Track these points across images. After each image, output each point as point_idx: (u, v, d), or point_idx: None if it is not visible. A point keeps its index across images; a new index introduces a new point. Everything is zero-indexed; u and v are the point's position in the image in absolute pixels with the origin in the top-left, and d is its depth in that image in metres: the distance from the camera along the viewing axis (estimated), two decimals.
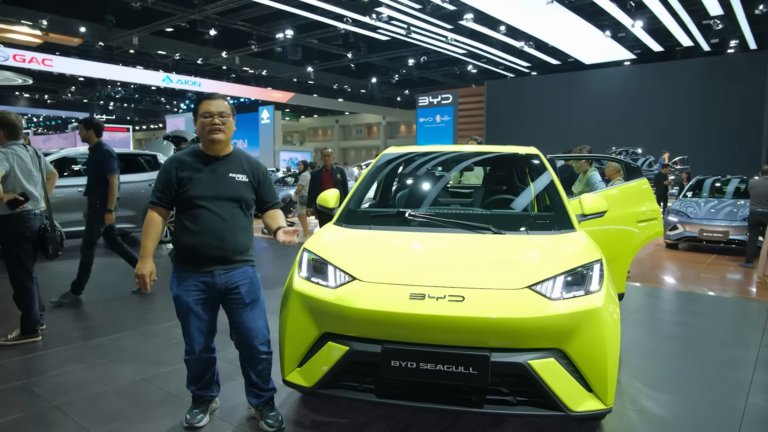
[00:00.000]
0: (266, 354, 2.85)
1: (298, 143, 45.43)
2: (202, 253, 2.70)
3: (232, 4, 17.06)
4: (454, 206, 3.96)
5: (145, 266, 2.71)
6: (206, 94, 2.79)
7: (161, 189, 2.73)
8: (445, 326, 2.45)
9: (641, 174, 4.82)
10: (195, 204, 2.69)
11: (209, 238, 2.69)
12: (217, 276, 2.73)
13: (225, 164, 2.77)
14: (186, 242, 2.71)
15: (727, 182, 11.01)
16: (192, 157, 2.76)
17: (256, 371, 2.84)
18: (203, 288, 2.73)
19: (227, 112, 2.73)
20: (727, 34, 19.03)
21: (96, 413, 3.04)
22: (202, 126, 2.70)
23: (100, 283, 6.42)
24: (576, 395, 2.46)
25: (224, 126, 2.71)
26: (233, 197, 2.75)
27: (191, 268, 2.72)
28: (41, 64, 20.09)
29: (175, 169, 2.71)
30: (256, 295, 2.84)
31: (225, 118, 2.71)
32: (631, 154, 19.39)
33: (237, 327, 2.82)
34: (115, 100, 35.82)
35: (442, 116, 27.11)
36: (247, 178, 2.80)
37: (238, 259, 2.78)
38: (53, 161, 8.19)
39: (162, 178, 2.74)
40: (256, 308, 2.83)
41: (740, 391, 3.37)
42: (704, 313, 5.52)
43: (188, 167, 2.72)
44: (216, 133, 2.69)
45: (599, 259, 2.77)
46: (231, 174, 2.76)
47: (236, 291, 2.77)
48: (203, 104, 2.72)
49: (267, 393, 2.90)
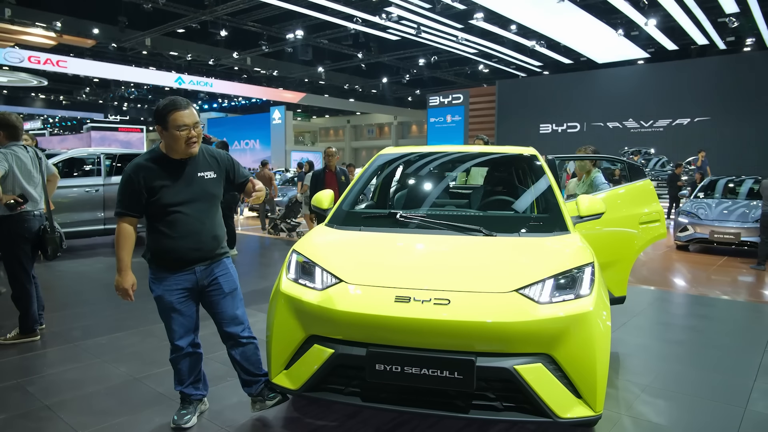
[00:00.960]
0: (251, 339, 2.92)
1: (310, 143, 45.58)
2: (183, 258, 2.71)
3: (243, 5, 17.15)
4: (450, 207, 3.91)
5: (125, 280, 2.68)
6: (173, 103, 2.60)
7: (129, 198, 2.62)
8: (430, 330, 2.41)
9: (644, 175, 4.72)
10: (169, 210, 2.65)
11: (188, 242, 2.69)
12: (198, 272, 2.76)
13: (192, 165, 2.73)
14: (164, 248, 2.69)
15: (741, 183, 10.79)
16: (157, 163, 2.66)
17: (245, 358, 2.89)
18: (186, 285, 2.75)
19: (198, 120, 2.70)
20: (744, 32, 18.69)
21: (86, 413, 3.05)
22: (176, 139, 2.58)
23: (105, 283, 6.48)
24: (564, 401, 2.41)
25: (198, 136, 2.66)
26: (206, 197, 2.75)
27: (172, 271, 2.72)
28: (55, 65, 20.37)
29: (142, 179, 2.61)
30: (235, 285, 2.90)
31: (198, 128, 2.67)
32: (644, 154, 19.13)
33: (219, 317, 2.85)
34: (129, 101, 36.24)
35: (453, 116, 27.00)
36: (215, 173, 2.79)
37: (216, 254, 2.82)
38: (61, 161, 8.28)
39: (127, 187, 2.62)
40: (236, 297, 2.89)
41: (740, 398, 3.28)
42: (711, 316, 5.41)
43: (156, 175, 2.63)
44: (194, 146, 2.66)
45: (591, 262, 2.71)
46: (200, 173, 2.74)
47: (215, 282, 2.81)
48: (176, 116, 2.57)
49: (261, 378, 2.93)
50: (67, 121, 45.70)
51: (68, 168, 8.64)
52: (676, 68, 21.48)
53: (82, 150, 9.56)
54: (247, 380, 2.93)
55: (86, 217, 8.29)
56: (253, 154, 36.88)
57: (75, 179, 8.49)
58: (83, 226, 8.27)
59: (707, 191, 10.85)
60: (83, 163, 8.93)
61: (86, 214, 8.29)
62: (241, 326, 2.87)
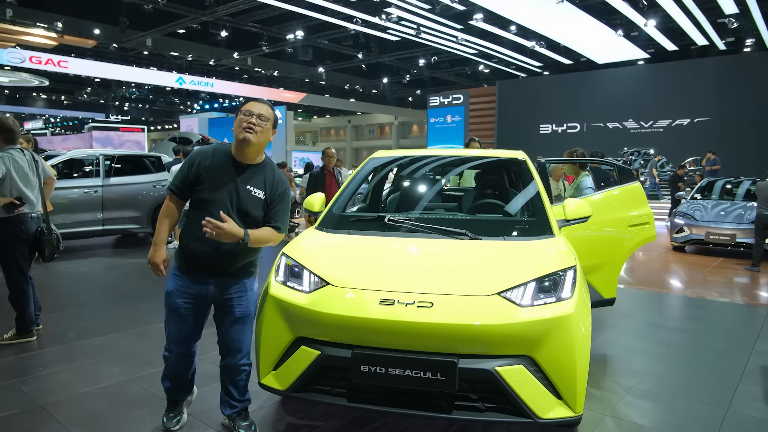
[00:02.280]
0: (246, 366, 2.85)
1: (311, 143, 45.63)
2: (199, 260, 2.67)
3: (243, 6, 17.20)
4: (440, 211, 3.96)
5: (157, 254, 2.68)
6: (254, 98, 2.72)
7: (180, 179, 2.68)
8: (413, 332, 2.46)
9: (634, 177, 4.77)
10: (204, 206, 2.61)
11: (207, 246, 2.62)
12: (211, 284, 2.70)
13: (247, 174, 2.67)
14: (187, 244, 2.69)
15: (738, 184, 10.82)
16: (220, 156, 2.68)
17: (233, 382, 2.84)
18: (194, 295, 2.71)
19: (267, 116, 2.65)
20: (743, 32, 18.68)
21: (79, 413, 3.10)
22: (238, 122, 2.61)
23: (102, 284, 6.54)
24: (544, 402, 2.46)
25: (259, 128, 2.60)
26: (242, 211, 2.64)
27: (187, 273, 2.71)
28: (57, 65, 20.43)
29: (198, 163, 2.64)
30: (248, 310, 2.80)
31: (263, 122, 2.62)
32: (643, 154, 19.13)
33: (222, 336, 2.81)
34: (130, 101, 36.31)
35: (453, 116, 26.98)
36: (264, 195, 2.69)
37: (236, 271, 2.73)
38: (60, 163, 8.34)
39: (184, 168, 2.68)
40: (246, 323, 2.81)
41: (723, 400, 3.33)
42: (702, 318, 5.45)
43: (211, 166, 2.64)
44: (248, 131, 2.58)
45: (573, 265, 2.76)
46: (249, 187, 2.66)
47: (229, 303, 2.74)
48: (248, 104, 2.65)
49: (241, 404, 2.88)
50: (68, 121, 45.82)
51: (68, 169, 8.70)
52: (676, 69, 21.46)
53: (81, 151, 9.64)
54: (226, 400, 2.87)
55: (85, 218, 8.35)
56: None
57: (74, 180, 8.55)
58: (82, 227, 8.33)
59: (704, 192, 10.89)
60: (82, 164, 9.00)
61: (85, 214, 8.35)
62: (239, 354, 2.79)
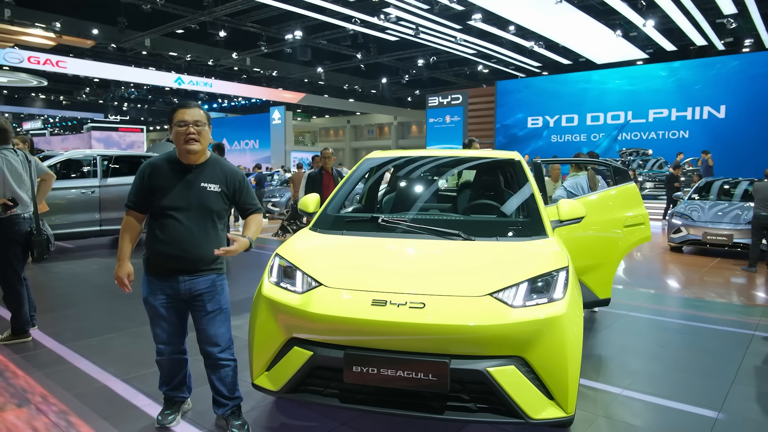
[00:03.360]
0: (228, 361, 2.86)
1: (310, 143, 45.61)
2: (167, 263, 2.73)
3: (242, 6, 17.20)
4: (434, 211, 3.96)
5: (121, 269, 2.77)
6: (181, 103, 2.75)
7: (135, 194, 2.76)
8: (405, 333, 2.47)
9: (630, 178, 4.78)
10: (164, 213, 2.70)
11: (173, 248, 2.69)
12: (182, 282, 2.75)
13: (199, 173, 2.75)
14: (154, 250, 2.75)
15: (736, 184, 10.83)
16: (167, 163, 2.75)
17: (219, 378, 2.85)
18: (169, 293, 2.77)
19: (203, 120, 2.71)
20: (742, 33, 18.71)
21: (74, 414, 3.10)
22: (177, 135, 2.68)
23: (97, 284, 6.55)
24: (536, 403, 2.46)
25: (199, 135, 2.68)
26: (203, 208, 2.72)
27: (157, 273, 2.77)
28: (55, 66, 20.45)
29: (148, 175, 2.72)
30: (219, 304, 2.83)
31: (200, 127, 2.69)
32: (642, 155, 19.13)
33: (199, 333, 2.84)
34: (129, 101, 36.32)
35: (452, 116, 26.96)
36: (220, 188, 2.77)
37: (203, 269, 2.77)
38: (57, 163, 8.34)
39: (136, 182, 2.76)
40: (219, 316, 2.83)
41: (716, 401, 3.33)
42: (698, 318, 5.45)
43: (162, 174, 2.72)
44: (191, 143, 2.67)
45: (565, 266, 2.76)
46: (203, 184, 2.74)
47: (199, 299, 2.79)
48: (178, 113, 2.69)
49: (232, 402, 2.89)
50: (67, 121, 45.82)
51: (65, 169, 8.70)
52: (675, 69, 21.47)
53: (78, 151, 9.63)
54: (217, 400, 2.89)
55: (82, 219, 8.35)
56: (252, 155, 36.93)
57: (71, 180, 8.55)
58: (79, 228, 8.33)
59: (702, 192, 10.89)
60: (80, 165, 8.99)
61: (82, 215, 8.35)
62: (217, 347, 2.82)
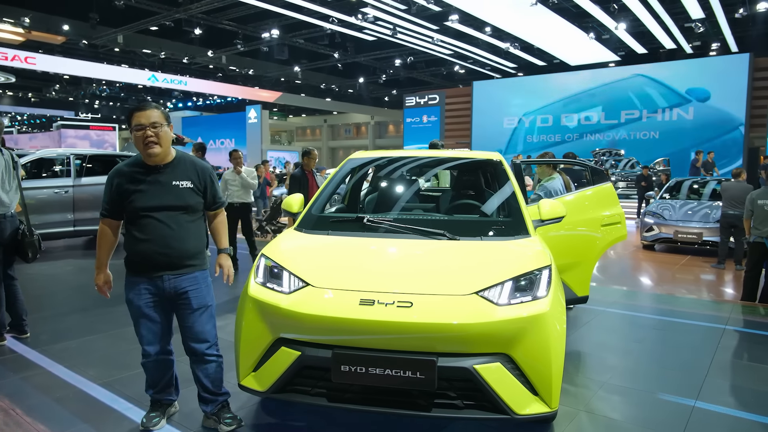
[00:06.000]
0: (214, 357, 2.88)
1: (286, 143, 45.32)
2: (150, 261, 2.73)
3: (218, 3, 17.01)
4: (417, 211, 4.00)
5: (99, 277, 2.85)
6: (136, 105, 2.75)
7: (108, 201, 2.77)
8: (393, 332, 2.50)
9: (607, 178, 4.90)
10: (141, 215, 2.71)
11: (156, 246, 2.72)
12: (166, 280, 2.75)
13: (168, 172, 2.76)
14: (135, 250, 2.75)
15: (704, 184, 11.16)
16: (134, 167, 2.74)
17: (206, 375, 2.87)
18: (153, 291, 2.77)
19: (160, 121, 2.69)
20: (709, 36, 19.26)
21: (54, 418, 3.06)
22: (136, 140, 2.67)
23: (73, 286, 6.42)
24: (521, 399, 2.52)
25: (158, 138, 2.67)
26: (178, 205, 2.75)
27: (140, 273, 2.76)
28: (24, 62, 19.90)
29: (116, 184, 2.73)
30: (205, 301, 2.86)
31: (158, 128, 2.67)
32: (614, 155, 19.56)
33: (185, 331, 2.85)
34: (101, 99, 35.54)
35: (429, 116, 27.14)
36: (192, 184, 2.80)
37: (186, 264, 2.79)
38: (29, 162, 8.14)
39: (106, 191, 2.77)
40: (204, 313, 2.85)
41: (691, 393, 3.45)
42: (672, 314, 5.61)
43: (131, 179, 2.72)
44: (151, 146, 2.66)
45: (548, 265, 2.83)
46: (175, 182, 2.75)
47: (185, 296, 2.79)
48: (135, 116, 2.68)
49: (221, 397, 2.92)
50: (35, 119, 44.61)
51: (36, 168, 8.50)
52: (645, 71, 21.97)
53: (50, 150, 9.41)
54: (205, 397, 2.91)
55: (56, 219, 8.17)
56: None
57: (43, 180, 8.35)
58: (52, 228, 8.14)
59: (672, 192, 11.19)
60: (52, 164, 8.79)
61: (56, 215, 8.17)
62: (205, 344, 2.84)
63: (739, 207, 7.83)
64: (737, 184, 8.11)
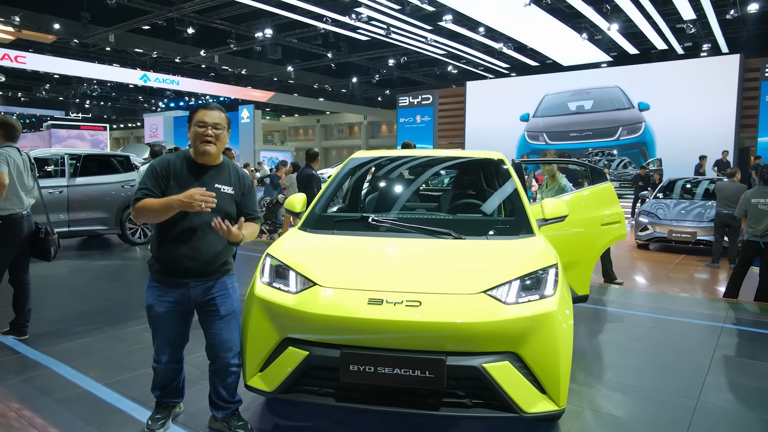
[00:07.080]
0: (237, 366, 2.83)
1: (279, 143, 45.17)
2: (177, 265, 2.67)
3: (210, 3, 16.91)
4: (420, 211, 4.01)
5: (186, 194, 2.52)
6: (204, 104, 2.76)
7: (151, 184, 2.64)
8: (402, 331, 2.50)
9: (606, 178, 4.94)
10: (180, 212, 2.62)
11: (184, 249, 2.66)
12: (192, 288, 2.70)
13: (213, 174, 2.74)
14: (162, 251, 2.70)
15: (698, 183, 11.27)
16: (181, 161, 2.73)
17: (224, 384, 2.82)
18: (177, 299, 2.71)
19: (222, 124, 2.71)
20: (700, 37, 19.43)
21: (57, 420, 3.03)
22: (195, 135, 2.67)
23: (69, 287, 6.36)
24: (529, 397, 2.53)
25: (216, 138, 2.68)
26: (215, 209, 2.64)
27: (166, 279, 2.70)
28: (14, 61, 19.66)
29: (163, 169, 2.68)
30: (233, 307, 2.82)
31: (219, 131, 2.69)
32: (607, 155, 19.69)
33: (211, 338, 2.79)
34: (92, 98, 35.22)
35: (422, 116, 27.17)
36: (233, 190, 2.77)
37: (215, 270, 2.75)
38: None
39: (151, 175, 2.67)
40: (232, 321, 2.81)
41: (693, 391, 3.48)
42: (669, 313, 5.66)
43: (175, 172, 2.69)
44: (207, 144, 2.66)
45: (555, 263, 2.85)
46: (217, 185, 2.72)
47: (213, 303, 2.75)
48: (199, 113, 2.69)
49: (233, 405, 2.88)
50: (25, 118, 44.13)
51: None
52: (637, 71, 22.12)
53: (44, 150, 9.32)
54: (217, 404, 2.87)
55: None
56: None
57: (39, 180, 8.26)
58: None
59: (666, 192, 11.28)
60: (46, 164, 8.70)
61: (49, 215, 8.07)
62: (231, 352, 2.79)
63: (733, 206, 7.91)
64: (732, 183, 8.19)
